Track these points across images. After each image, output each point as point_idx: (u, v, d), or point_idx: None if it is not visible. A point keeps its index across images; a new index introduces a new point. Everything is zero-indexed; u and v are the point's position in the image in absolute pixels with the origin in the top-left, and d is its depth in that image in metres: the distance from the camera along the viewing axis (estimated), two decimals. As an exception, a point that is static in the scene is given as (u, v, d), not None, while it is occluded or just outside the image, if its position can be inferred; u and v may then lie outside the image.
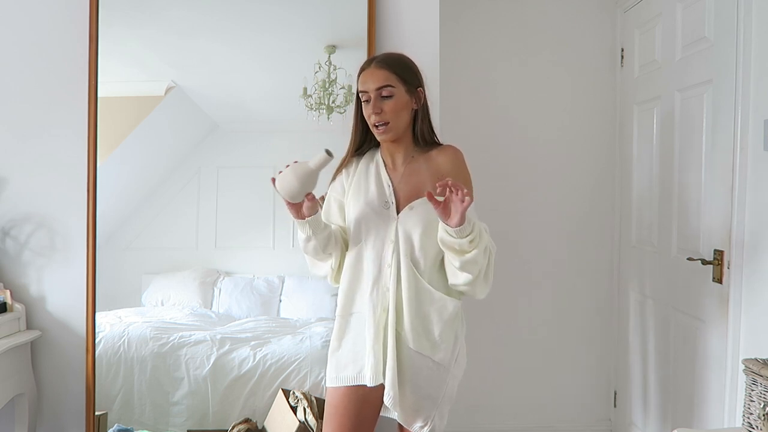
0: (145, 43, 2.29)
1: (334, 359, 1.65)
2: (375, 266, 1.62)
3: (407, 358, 1.59)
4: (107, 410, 2.20)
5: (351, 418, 1.61)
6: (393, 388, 1.56)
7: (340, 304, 1.67)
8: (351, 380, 1.61)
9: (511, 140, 2.86)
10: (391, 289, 1.60)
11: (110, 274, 2.24)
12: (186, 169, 2.36)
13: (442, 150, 1.70)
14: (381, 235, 1.63)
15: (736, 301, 1.92)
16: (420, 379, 1.60)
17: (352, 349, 1.63)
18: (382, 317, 1.60)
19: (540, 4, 2.86)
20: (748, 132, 1.87)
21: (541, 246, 2.89)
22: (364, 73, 1.64)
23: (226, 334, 2.27)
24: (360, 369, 1.61)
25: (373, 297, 1.61)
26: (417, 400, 1.60)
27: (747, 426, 1.56)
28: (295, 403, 2.13)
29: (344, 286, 1.67)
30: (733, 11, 1.92)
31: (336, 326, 1.67)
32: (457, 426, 2.81)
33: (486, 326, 2.85)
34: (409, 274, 1.60)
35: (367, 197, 1.65)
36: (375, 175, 1.68)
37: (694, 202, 2.16)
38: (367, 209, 1.64)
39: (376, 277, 1.61)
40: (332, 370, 1.65)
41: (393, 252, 1.61)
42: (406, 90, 1.64)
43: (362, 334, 1.62)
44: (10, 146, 2.18)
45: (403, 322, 1.59)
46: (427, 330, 1.60)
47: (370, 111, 1.61)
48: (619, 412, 2.84)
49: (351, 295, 1.66)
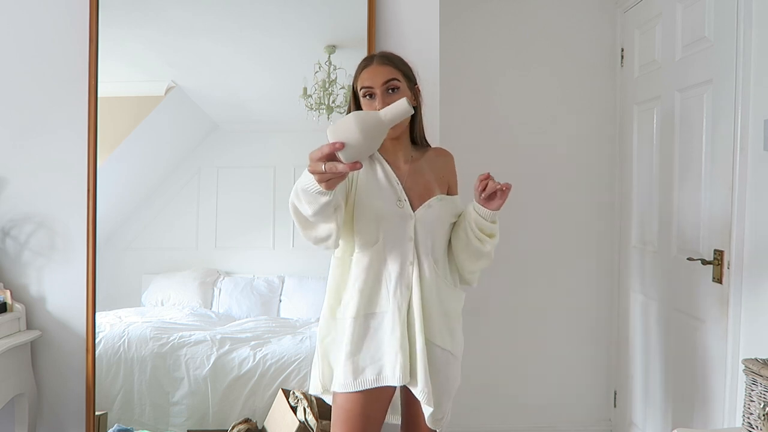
0: (145, 43, 2.29)
1: (350, 363, 1.57)
2: (396, 265, 1.59)
3: (433, 355, 1.60)
4: (107, 410, 2.20)
5: (363, 422, 1.58)
6: (427, 386, 1.55)
7: (355, 305, 1.59)
8: (371, 383, 1.56)
9: (511, 140, 2.86)
10: (415, 287, 1.59)
11: (110, 274, 2.24)
12: (186, 169, 2.36)
13: (438, 152, 1.77)
14: (399, 234, 1.61)
15: (736, 301, 1.92)
16: (444, 375, 1.62)
17: (370, 351, 1.58)
18: (407, 316, 1.58)
19: (540, 4, 2.86)
20: (748, 132, 1.87)
21: (541, 246, 2.89)
22: (368, 70, 1.63)
23: (226, 334, 2.27)
24: (380, 370, 1.56)
25: (397, 296, 1.58)
26: (439, 395, 1.61)
27: (747, 426, 1.56)
28: (295, 403, 2.13)
29: (360, 287, 1.59)
30: (733, 11, 1.92)
31: (349, 329, 1.58)
32: (457, 426, 2.81)
33: (486, 326, 2.85)
34: (431, 270, 1.62)
35: (380, 196, 1.61)
36: (383, 174, 1.65)
37: (694, 202, 2.16)
38: (382, 208, 1.60)
39: (399, 276, 1.59)
40: (348, 374, 1.57)
41: (413, 250, 1.61)
42: (407, 86, 1.65)
43: (380, 335, 1.58)
44: (10, 146, 2.18)
45: (428, 319, 1.59)
46: (448, 325, 1.64)
47: (378, 106, 1.60)
48: (619, 412, 2.84)
49: (369, 296, 1.59)
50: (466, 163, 2.02)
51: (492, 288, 2.83)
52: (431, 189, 1.67)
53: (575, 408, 2.93)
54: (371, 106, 1.61)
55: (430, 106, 2.11)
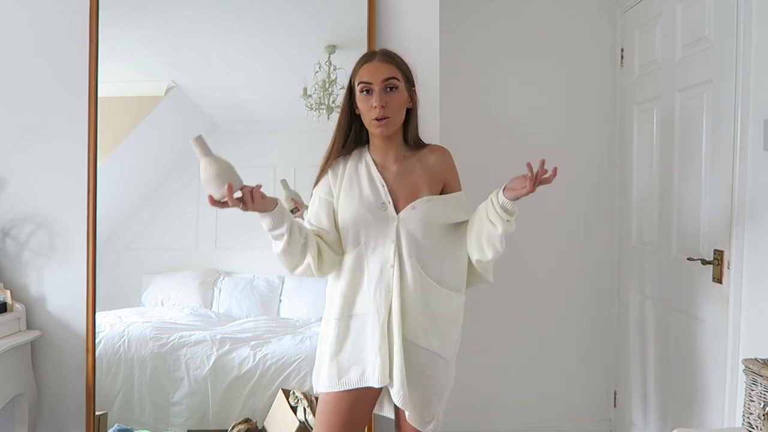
0: (145, 43, 2.29)
1: (335, 364, 1.61)
2: (376, 267, 1.61)
3: (416, 357, 1.59)
4: (107, 410, 2.20)
5: (345, 419, 1.59)
6: (402, 388, 1.55)
7: (338, 306, 1.63)
8: (355, 383, 1.59)
9: (510, 140, 2.86)
10: (395, 289, 1.59)
11: (110, 274, 2.24)
12: (186, 169, 2.36)
13: (432, 149, 1.72)
14: (381, 236, 1.61)
15: (736, 301, 1.92)
16: (430, 377, 1.61)
17: (354, 352, 1.61)
18: (386, 318, 1.59)
19: (540, 4, 2.86)
20: (748, 132, 1.87)
21: (541, 246, 2.89)
22: (368, 65, 1.62)
23: (226, 334, 2.27)
24: (362, 371, 1.59)
25: (376, 298, 1.59)
26: (426, 397, 1.61)
27: (747, 426, 1.56)
28: (295, 403, 2.13)
29: (343, 289, 1.63)
30: (733, 11, 1.92)
31: (333, 330, 1.63)
32: (457, 426, 2.81)
33: (486, 326, 2.85)
34: (415, 273, 1.60)
35: (361, 199, 1.63)
36: (367, 176, 1.65)
37: (694, 202, 2.16)
38: (362, 211, 1.62)
39: (379, 279, 1.60)
40: (333, 375, 1.61)
41: (395, 252, 1.60)
42: (405, 87, 1.64)
43: (364, 336, 1.61)
44: (11, 146, 2.18)
45: (410, 321, 1.59)
46: (435, 327, 1.62)
47: (375, 103, 1.59)
48: (619, 412, 2.84)
49: (351, 298, 1.63)
50: (467, 163, 2.01)
51: (492, 288, 2.80)
52: (418, 190, 1.64)
53: (575, 408, 2.93)
54: (367, 102, 1.60)
55: (430, 106, 2.12)
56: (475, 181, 1.73)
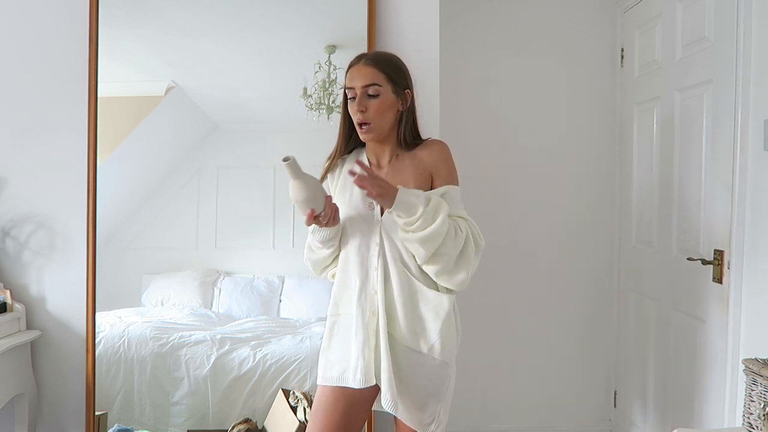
0: (145, 43, 2.29)
1: (324, 358, 1.66)
2: (362, 270, 1.61)
3: (404, 359, 1.59)
4: (107, 410, 2.20)
5: (336, 417, 1.59)
6: (390, 391, 1.55)
7: (331, 303, 1.67)
8: (335, 381, 1.61)
9: (511, 140, 2.86)
10: (380, 292, 1.58)
11: (110, 274, 2.24)
12: (186, 169, 2.36)
13: (426, 144, 1.69)
14: (366, 239, 1.62)
15: (736, 301, 1.92)
16: (421, 377, 1.60)
17: (339, 349, 1.63)
18: (371, 321, 1.59)
19: (540, 4, 2.86)
20: (748, 132, 1.87)
21: (541, 246, 2.89)
22: (352, 70, 1.63)
23: (226, 334, 2.27)
24: (344, 370, 1.60)
25: (361, 301, 1.60)
26: (421, 398, 1.60)
27: (747, 426, 1.56)
28: (295, 403, 2.13)
29: (334, 288, 1.67)
30: (733, 11, 1.92)
31: (327, 325, 1.68)
32: (457, 426, 2.81)
33: (486, 326, 2.85)
34: (401, 276, 1.59)
35: (351, 200, 1.64)
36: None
37: (694, 202, 2.16)
38: (351, 212, 1.63)
39: (363, 281, 1.61)
40: (321, 369, 1.65)
41: (379, 255, 1.60)
42: (393, 90, 1.62)
43: (348, 336, 1.61)
44: (11, 146, 2.18)
45: (397, 324, 1.58)
46: (425, 329, 1.60)
47: (355, 108, 1.59)
48: (619, 412, 2.84)
49: (339, 296, 1.66)
50: (466, 163, 2.01)
51: (492, 288, 2.83)
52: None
53: (575, 408, 2.93)
54: (351, 107, 1.61)
55: (430, 106, 2.12)
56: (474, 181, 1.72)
